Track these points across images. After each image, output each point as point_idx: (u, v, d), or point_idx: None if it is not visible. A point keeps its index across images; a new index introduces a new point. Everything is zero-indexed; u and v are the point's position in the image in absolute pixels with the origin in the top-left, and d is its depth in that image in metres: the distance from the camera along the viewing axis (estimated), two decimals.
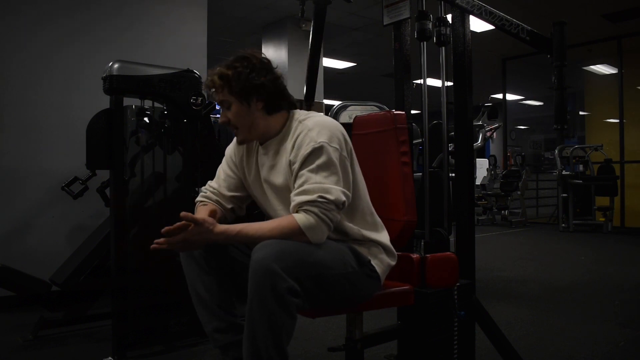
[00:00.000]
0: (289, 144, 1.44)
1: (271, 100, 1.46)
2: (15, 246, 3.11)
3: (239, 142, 1.53)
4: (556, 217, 7.98)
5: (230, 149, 1.63)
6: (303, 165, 1.35)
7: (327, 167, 1.34)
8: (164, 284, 2.34)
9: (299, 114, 1.50)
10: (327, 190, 1.32)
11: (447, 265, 1.69)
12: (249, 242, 1.32)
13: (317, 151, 1.34)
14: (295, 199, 1.33)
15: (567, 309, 3.06)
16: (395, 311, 1.78)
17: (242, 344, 1.28)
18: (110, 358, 2.16)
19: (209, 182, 1.62)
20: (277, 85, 1.47)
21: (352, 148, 1.47)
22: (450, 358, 1.72)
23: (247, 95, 1.43)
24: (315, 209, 1.30)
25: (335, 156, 1.36)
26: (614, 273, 4.23)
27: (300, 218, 1.31)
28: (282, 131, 1.48)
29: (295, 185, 1.36)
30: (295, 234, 1.30)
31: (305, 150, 1.36)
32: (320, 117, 1.46)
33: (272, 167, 1.49)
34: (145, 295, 2.31)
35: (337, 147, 1.37)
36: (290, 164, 1.40)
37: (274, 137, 1.49)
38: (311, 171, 1.34)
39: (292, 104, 1.51)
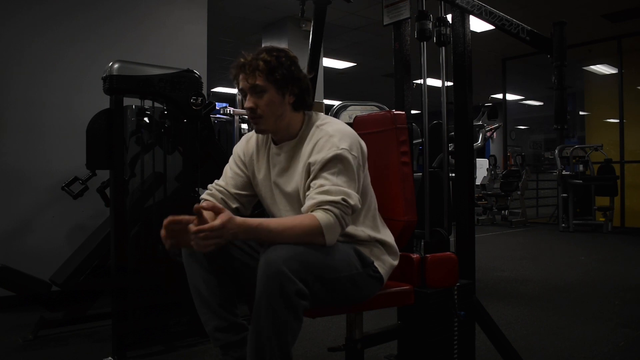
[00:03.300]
0: (306, 148, 1.44)
1: (302, 96, 1.48)
2: (16, 246, 3.11)
3: (260, 131, 1.50)
4: (556, 217, 7.98)
5: (239, 148, 1.63)
6: (323, 168, 1.36)
7: (346, 173, 1.36)
8: (164, 284, 2.34)
9: (315, 118, 1.52)
10: (349, 195, 1.33)
11: (447, 265, 1.69)
12: (268, 237, 1.29)
13: (338, 157, 1.36)
14: (317, 197, 1.33)
15: (567, 309, 3.06)
16: (395, 311, 1.78)
17: (242, 344, 1.28)
18: (110, 358, 2.16)
19: (216, 180, 1.61)
20: (308, 83, 1.51)
21: (367, 154, 1.49)
22: (450, 358, 1.72)
23: (285, 86, 1.45)
24: (337, 210, 1.31)
25: (354, 164, 1.38)
26: (614, 273, 4.23)
27: (322, 217, 1.30)
28: (298, 134, 1.49)
29: (314, 185, 1.36)
30: (315, 232, 1.29)
31: (326, 154, 1.37)
32: (339, 124, 1.48)
33: (285, 170, 1.49)
34: (145, 295, 2.31)
35: (356, 154, 1.40)
36: (310, 166, 1.41)
37: (291, 138, 1.49)
38: (332, 174, 1.35)
39: (310, 105, 1.54)
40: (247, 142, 1.63)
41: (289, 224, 1.30)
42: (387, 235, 1.53)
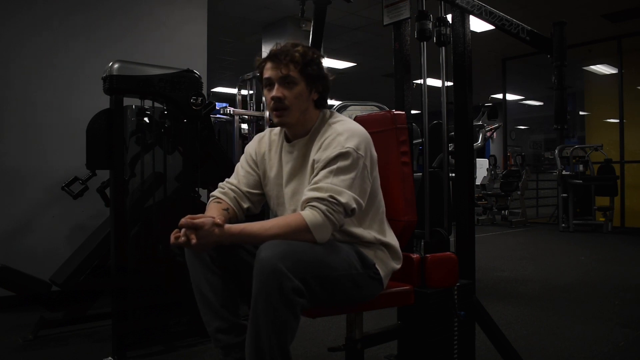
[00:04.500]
0: (315, 145, 1.45)
1: (324, 95, 1.51)
2: (15, 246, 3.11)
3: (282, 123, 1.49)
4: (556, 217, 7.98)
5: (251, 147, 1.63)
6: (325, 166, 1.37)
7: (346, 172, 1.36)
8: (164, 284, 2.34)
9: (329, 115, 1.53)
10: (339, 193, 1.33)
11: (447, 265, 1.69)
12: (254, 240, 1.32)
13: (342, 155, 1.36)
14: (307, 194, 1.35)
15: (567, 309, 3.06)
16: (395, 311, 1.79)
17: (244, 345, 1.28)
18: (110, 358, 2.16)
19: (227, 179, 1.61)
20: (330, 84, 1.53)
21: (376, 156, 1.49)
22: (450, 358, 1.72)
23: (314, 82, 1.47)
24: (323, 207, 1.31)
25: (358, 164, 1.38)
26: (614, 273, 4.23)
27: (308, 215, 1.31)
28: (311, 131, 1.50)
29: (311, 182, 1.38)
30: (302, 230, 1.30)
31: (331, 152, 1.37)
32: (350, 122, 1.48)
33: (297, 170, 1.49)
34: (145, 295, 2.31)
35: (363, 154, 1.40)
36: (314, 163, 1.42)
37: (304, 135, 1.50)
38: (330, 172, 1.35)
39: (326, 105, 1.56)
40: (259, 142, 1.64)
41: (273, 224, 1.31)
42: (392, 239, 1.54)
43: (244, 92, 5.67)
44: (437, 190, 1.89)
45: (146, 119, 2.38)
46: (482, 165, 8.96)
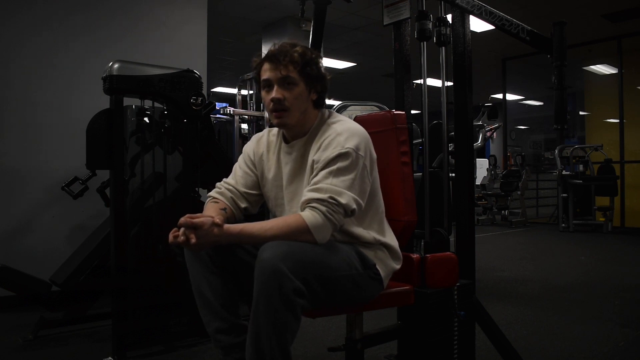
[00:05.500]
0: (314, 145, 1.45)
1: (322, 95, 1.51)
2: (15, 246, 3.11)
3: (282, 125, 1.49)
4: (556, 217, 7.98)
5: (249, 147, 1.63)
6: (325, 166, 1.37)
7: (346, 172, 1.35)
8: (164, 284, 2.34)
9: (328, 115, 1.53)
10: (339, 193, 1.33)
11: (447, 265, 1.69)
12: (254, 240, 1.32)
13: (342, 156, 1.36)
14: (307, 195, 1.35)
15: (567, 309, 3.06)
16: (395, 311, 1.78)
17: (244, 346, 1.28)
18: (110, 358, 2.16)
19: (225, 179, 1.61)
20: (328, 84, 1.53)
21: (375, 156, 1.49)
22: (450, 358, 1.72)
23: (313, 82, 1.47)
24: (323, 208, 1.31)
25: (358, 164, 1.37)
26: (614, 273, 4.23)
27: (308, 216, 1.31)
28: (309, 131, 1.49)
29: (311, 182, 1.37)
30: (302, 231, 1.30)
31: (331, 153, 1.37)
32: (349, 122, 1.48)
33: (296, 170, 1.49)
34: (145, 295, 2.31)
35: (363, 155, 1.39)
36: (313, 163, 1.41)
37: (303, 135, 1.50)
38: (330, 173, 1.35)
39: (324, 105, 1.57)
40: (257, 142, 1.63)
41: (273, 225, 1.31)
42: (392, 240, 1.54)
43: (244, 92, 5.67)
44: (437, 190, 1.89)
45: (146, 119, 2.38)
46: (482, 165, 8.97)
